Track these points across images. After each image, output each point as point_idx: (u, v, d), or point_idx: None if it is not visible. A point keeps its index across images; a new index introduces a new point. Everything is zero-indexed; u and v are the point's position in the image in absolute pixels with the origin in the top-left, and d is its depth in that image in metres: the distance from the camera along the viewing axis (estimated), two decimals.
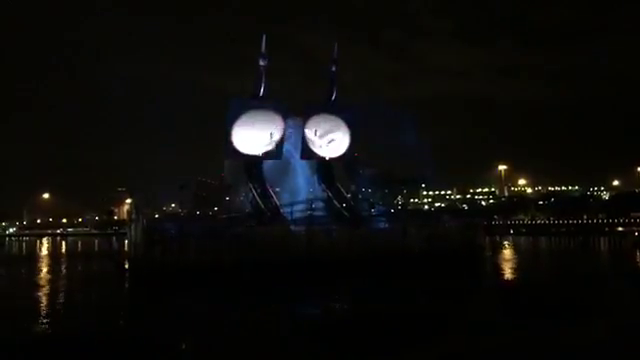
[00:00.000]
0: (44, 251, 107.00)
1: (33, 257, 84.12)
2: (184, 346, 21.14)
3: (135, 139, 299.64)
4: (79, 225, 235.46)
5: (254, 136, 55.33)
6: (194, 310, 29.00)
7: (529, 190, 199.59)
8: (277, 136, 55.92)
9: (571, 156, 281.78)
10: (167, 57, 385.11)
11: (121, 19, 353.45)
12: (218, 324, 25.28)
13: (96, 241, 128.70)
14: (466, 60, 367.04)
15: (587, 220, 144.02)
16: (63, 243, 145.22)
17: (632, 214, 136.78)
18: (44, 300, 34.87)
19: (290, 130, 57.93)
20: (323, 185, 60.36)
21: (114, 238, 58.01)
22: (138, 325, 26.62)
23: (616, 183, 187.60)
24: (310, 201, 57.06)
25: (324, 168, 61.04)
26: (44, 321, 27.48)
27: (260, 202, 54.59)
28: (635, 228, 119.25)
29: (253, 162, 56.53)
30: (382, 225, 59.91)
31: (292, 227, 51.03)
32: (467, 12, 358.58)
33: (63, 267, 62.98)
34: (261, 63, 55.76)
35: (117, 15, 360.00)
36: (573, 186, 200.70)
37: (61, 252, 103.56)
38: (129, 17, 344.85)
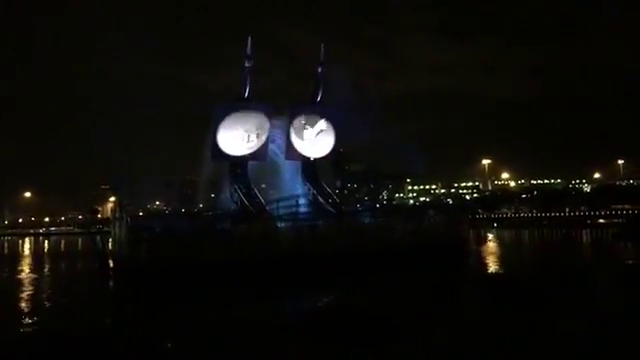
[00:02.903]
0: (27, 251, 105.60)
1: (15, 257, 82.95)
2: (170, 345, 21.10)
3: (118, 137, 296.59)
4: (62, 224, 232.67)
5: (239, 137, 55.28)
6: (181, 309, 28.91)
7: (512, 184, 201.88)
8: (262, 137, 55.90)
9: (553, 149, 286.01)
10: (150, 55, 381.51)
11: (104, 18, 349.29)
12: (205, 323, 25.23)
13: (80, 240, 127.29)
14: (449, 56, 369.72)
15: (569, 213, 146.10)
16: (46, 242, 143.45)
17: (613, 206, 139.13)
18: (26, 301, 34.42)
19: (275, 131, 57.95)
20: (308, 184, 60.47)
21: (98, 237, 57.35)
22: (124, 325, 26.46)
23: (597, 176, 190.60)
24: (295, 198, 57.10)
25: (309, 168, 61.13)
26: (27, 322, 27.17)
27: (245, 201, 54.53)
28: (616, 220, 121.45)
29: (238, 163, 56.47)
30: (367, 220, 60.20)
31: (278, 224, 51.05)
32: (449, 8, 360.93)
33: (46, 267, 62.25)
34: (246, 64, 55.62)
35: (100, 14, 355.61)
36: (555, 179, 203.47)
37: (44, 251, 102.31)
38: (112, 16, 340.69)
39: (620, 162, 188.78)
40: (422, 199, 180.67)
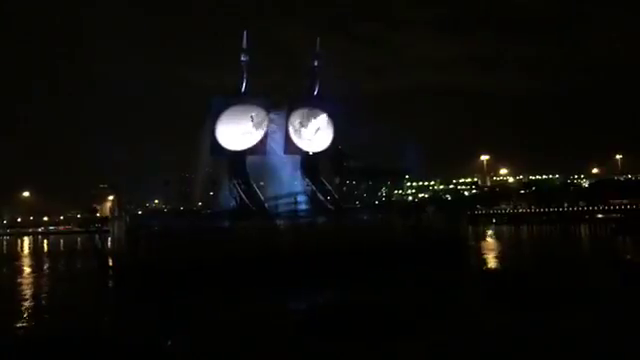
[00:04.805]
0: (26, 250, 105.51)
1: (14, 256, 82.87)
2: (169, 343, 21.06)
3: (116, 136, 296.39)
4: (61, 223, 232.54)
5: (238, 132, 55.18)
6: (180, 307, 28.86)
7: (511, 179, 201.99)
8: (261, 131, 55.80)
9: (551, 145, 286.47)
10: (147, 53, 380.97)
11: (102, 17, 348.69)
12: (204, 321, 25.21)
13: (79, 239, 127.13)
14: (447, 51, 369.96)
15: (568, 208, 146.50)
16: (45, 242, 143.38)
17: (611, 201, 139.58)
18: (25, 300, 34.37)
19: (273, 126, 57.82)
20: (307, 179, 60.39)
21: (97, 236, 57.44)
22: (123, 324, 26.44)
23: (596, 171, 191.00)
24: (294, 195, 57.07)
25: (308, 162, 61.05)
26: (25, 322, 27.14)
27: (244, 197, 54.48)
28: (614, 215, 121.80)
29: (237, 158, 56.39)
30: (366, 217, 60.21)
31: (277, 221, 51.00)
32: (447, 4, 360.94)
33: (45, 266, 62.17)
34: (243, 59, 55.56)
35: (98, 13, 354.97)
36: (554, 175, 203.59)
37: (43, 251, 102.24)
38: (110, 15, 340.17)
39: (618, 157, 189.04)
40: (421, 195, 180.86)
